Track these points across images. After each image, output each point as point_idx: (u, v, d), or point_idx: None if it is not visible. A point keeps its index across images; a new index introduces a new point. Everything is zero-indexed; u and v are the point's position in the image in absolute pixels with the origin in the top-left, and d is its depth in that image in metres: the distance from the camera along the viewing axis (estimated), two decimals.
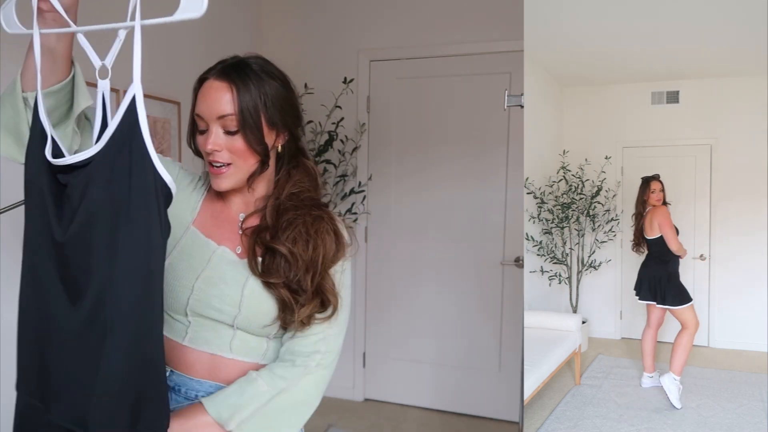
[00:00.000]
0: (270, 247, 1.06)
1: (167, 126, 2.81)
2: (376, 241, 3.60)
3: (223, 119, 1.03)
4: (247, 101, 1.04)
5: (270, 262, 1.06)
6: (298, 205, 1.10)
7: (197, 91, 1.08)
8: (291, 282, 1.05)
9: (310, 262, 1.06)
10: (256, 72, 1.06)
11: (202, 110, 1.05)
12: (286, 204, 1.10)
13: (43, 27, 0.89)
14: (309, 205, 1.11)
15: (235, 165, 1.06)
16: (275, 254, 1.06)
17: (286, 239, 1.05)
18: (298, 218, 1.08)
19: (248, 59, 1.09)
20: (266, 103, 1.06)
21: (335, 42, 3.57)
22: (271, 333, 1.09)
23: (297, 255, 1.05)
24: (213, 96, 1.04)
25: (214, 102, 1.04)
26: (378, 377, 3.65)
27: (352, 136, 3.52)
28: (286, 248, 1.05)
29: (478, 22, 3.30)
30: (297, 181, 1.13)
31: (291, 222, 1.07)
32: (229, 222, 1.13)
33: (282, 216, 1.09)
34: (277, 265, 1.05)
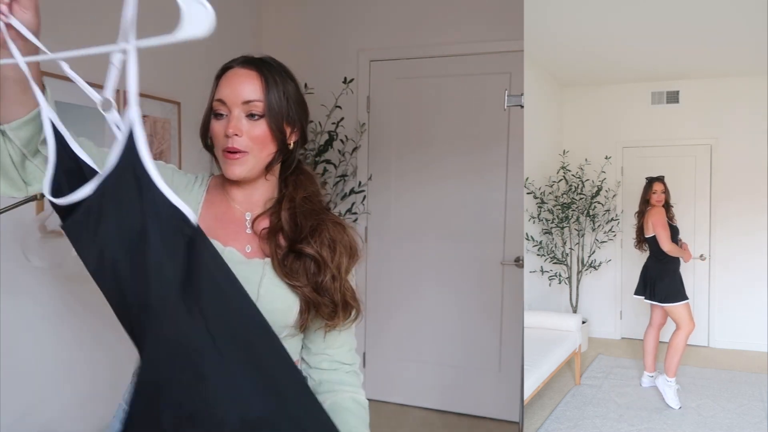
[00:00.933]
0: (296, 250, 1.07)
1: (167, 126, 2.81)
2: (376, 241, 3.60)
3: (248, 104, 1.05)
4: (273, 91, 1.07)
5: (295, 264, 1.07)
6: (315, 210, 1.13)
7: (219, 79, 1.09)
8: (318, 286, 1.07)
9: (336, 270, 1.08)
10: (277, 69, 1.10)
11: (226, 95, 1.06)
12: (303, 208, 1.12)
13: (7, 57, 0.84)
14: (323, 209, 1.14)
15: (252, 153, 1.07)
16: (301, 257, 1.07)
17: (315, 243, 1.07)
18: (322, 224, 1.10)
19: (266, 58, 1.12)
20: (288, 98, 1.09)
21: (335, 42, 3.57)
22: (282, 333, 1.10)
23: (326, 259, 1.07)
24: (240, 81, 1.06)
25: (241, 87, 1.05)
26: (378, 377, 3.65)
27: (352, 136, 3.52)
28: (314, 251, 1.07)
29: (478, 22, 3.30)
30: (306, 187, 1.16)
31: (316, 228, 1.09)
32: (234, 222, 1.13)
33: (300, 219, 1.10)
34: (305, 268, 1.07)
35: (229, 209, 1.15)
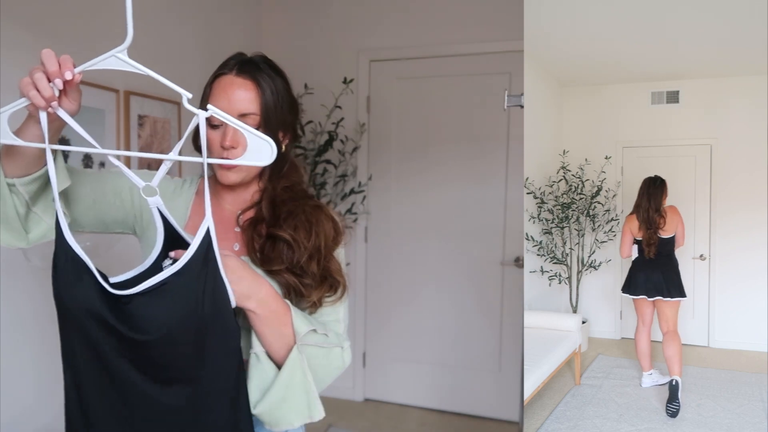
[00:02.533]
0: (271, 235, 1.08)
1: (167, 126, 2.81)
2: (376, 241, 3.60)
3: (244, 117, 1.04)
4: (269, 101, 1.05)
5: (270, 250, 1.07)
6: (294, 197, 1.13)
7: (210, 87, 1.08)
8: (294, 267, 1.07)
9: (314, 249, 1.08)
10: (268, 70, 1.08)
11: (223, 106, 1.03)
12: (282, 196, 1.12)
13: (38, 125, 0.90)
14: (304, 196, 1.14)
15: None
16: (276, 241, 1.07)
17: (287, 227, 1.07)
18: (297, 208, 1.10)
19: (255, 58, 1.10)
20: (282, 104, 1.08)
21: (335, 42, 3.57)
22: None
23: (299, 241, 1.07)
24: (235, 92, 1.04)
25: (237, 99, 1.04)
26: (378, 377, 3.65)
27: (352, 136, 3.52)
28: (288, 234, 1.06)
29: (478, 22, 3.30)
30: (288, 175, 1.16)
31: (291, 212, 1.10)
32: (222, 222, 1.14)
33: (279, 207, 1.11)
34: (279, 251, 1.07)
35: (219, 209, 1.15)
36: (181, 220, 1.13)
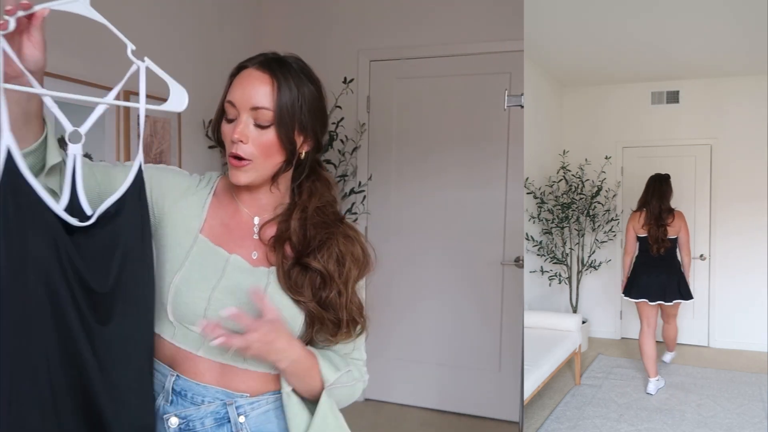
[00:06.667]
0: (302, 263, 1.05)
1: (167, 126, 2.81)
2: (376, 241, 3.55)
3: (256, 111, 1.01)
4: (285, 98, 1.02)
5: (299, 276, 1.05)
6: (327, 222, 1.09)
7: (233, 78, 1.06)
8: (322, 301, 1.05)
9: (343, 285, 1.06)
10: (296, 71, 1.06)
11: (236, 97, 1.02)
12: (314, 219, 1.08)
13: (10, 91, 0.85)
14: (335, 221, 1.11)
15: (255, 162, 1.03)
16: (307, 270, 1.05)
17: (320, 257, 1.05)
18: (331, 238, 1.07)
19: (288, 58, 1.08)
20: (302, 106, 1.04)
21: (335, 42, 3.57)
22: None
23: (332, 276, 1.05)
24: (252, 85, 1.02)
25: (252, 91, 1.02)
26: (378, 377, 3.63)
27: (352, 136, 3.52)
28: (321, 265, 1.04)
29: (478, 22, 3.30)
30: (321, 195, 1.12)
31: (324, 241, 1.07)
32: (240, 227, 1.10)
33: (310, 231, 1.07)
34: (311, 282, 1.05)
35: (237, 212, 1.11)
36: (194, 220, 1.08)
